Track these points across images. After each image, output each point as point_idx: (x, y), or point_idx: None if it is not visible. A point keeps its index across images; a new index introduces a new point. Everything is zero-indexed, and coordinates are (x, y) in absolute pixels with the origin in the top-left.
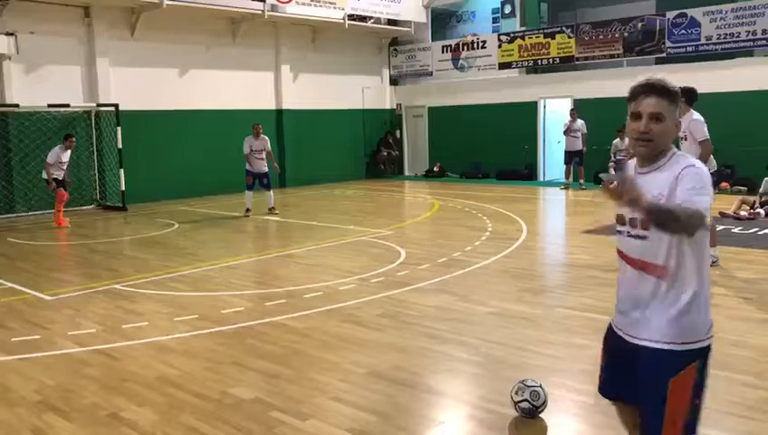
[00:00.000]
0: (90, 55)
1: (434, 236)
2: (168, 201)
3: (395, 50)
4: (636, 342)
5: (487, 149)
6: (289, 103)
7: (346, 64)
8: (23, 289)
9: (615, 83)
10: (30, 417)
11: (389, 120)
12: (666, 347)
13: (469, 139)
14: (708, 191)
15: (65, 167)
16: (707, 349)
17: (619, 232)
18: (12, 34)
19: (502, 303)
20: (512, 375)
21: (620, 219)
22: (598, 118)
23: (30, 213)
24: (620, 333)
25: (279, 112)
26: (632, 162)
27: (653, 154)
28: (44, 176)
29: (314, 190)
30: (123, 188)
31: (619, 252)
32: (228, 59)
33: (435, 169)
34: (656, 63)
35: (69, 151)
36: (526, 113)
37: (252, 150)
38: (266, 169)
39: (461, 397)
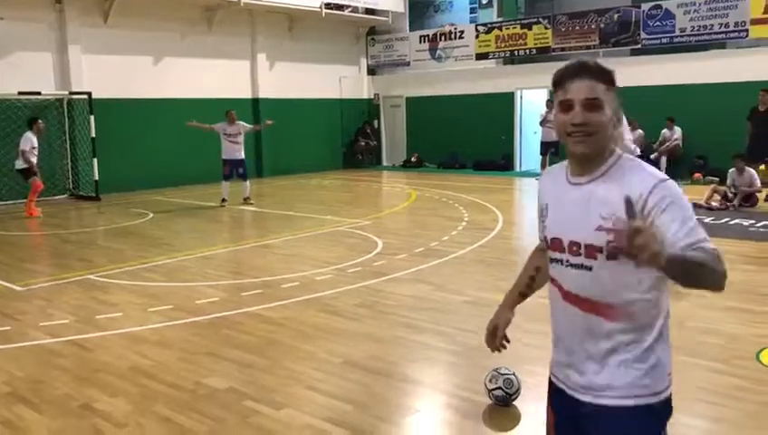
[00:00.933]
0: (61, 42)
1: (411, 227)
2: (142, 191)
3: (372, 39)
4: (591, 400)
5: (464, 140)
6: (265, 92)
7: (323, 53)
8: None
9: None
10: None
11: (367, 110)
12: (635, 402)
13: (447, 129)
14: (688, 208)
15: (36, 153)
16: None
17: (555, 260)
18: None
19: (478, 292)
20: (487, 364)
21: (556, 245)
22: None
23: (1, 203)
24: (568, 391)
25: (255, 101)
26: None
27: (593, 154)
28: (19, 166)
29: (291, 180)
30: (96, 177)
31: (556, 285)
32: (204, 47)
33: (412, 159)
34: (631, 55)
35: (36, 137)
36: (503, 104)
37: (225, 133)
38: (242, 157)
39: (437, 385)
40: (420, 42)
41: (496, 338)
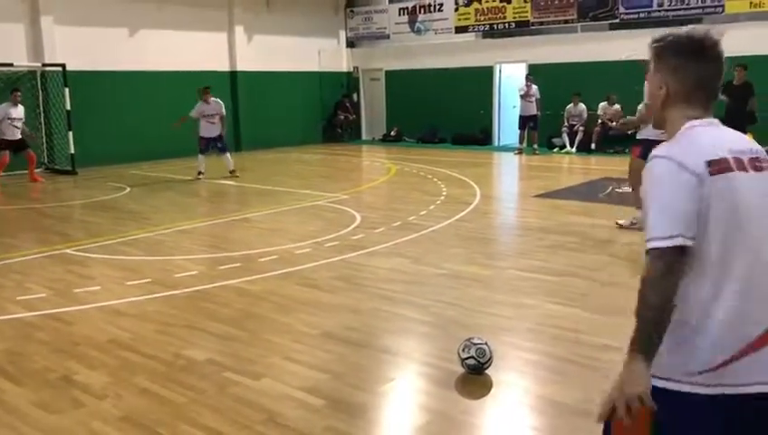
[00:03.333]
0: (33, 12)
1: (389, 201)
2: (119, 165)
3: (351, 11)
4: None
5: (444, 114)
6: (243, 65)
7: (302, 26)
8: None
9: (569, 48)
10: None
11: (346, 84)
12: None
13: (426, 103)
14: (652, 198)
15: (18, 124)
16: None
17: None
18: None
19: (454, 265)
20: (462, 334)
21: None
22: (551, 83)
23: None
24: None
25: (233, 74)
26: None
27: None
28: None
29: (270, 154)
30: (72, 151)
31: None
32: (180, 18)
33: (392, 133)
34: (609, 29)
35: (20, 107)
36: (482, 78)
37: (204, 115)
38: (219, 133)
39: (412, 355)
40: (399, 14)
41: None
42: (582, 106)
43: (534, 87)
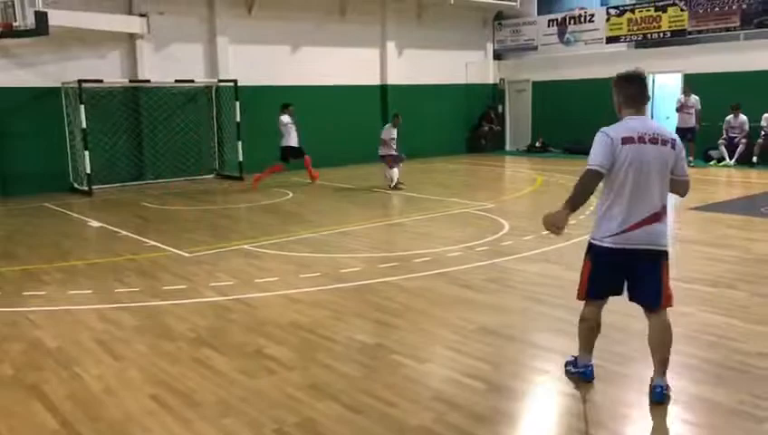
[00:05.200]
0: (211, 33)
1: (536, 210)
2: (280, 173)
3: (500, 24)
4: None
5: (591, 125)
6: (393, 79)
7: (450, 39)
8: (164, 247)
9: (730, 57)
10: (190, 350)
11: (492, 95)
12: None
13: (573, 114)
14: (592, 149)
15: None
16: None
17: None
18: (144, 15)
19: None
20: (617, 337)
21: None
22: (709, 93)
23: (159, 180)
24: None
25: (384, 88)
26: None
27: None
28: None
29: (416, 165)
30: (241, 158)
31: None
32: (336, 35)
33: (537, 144)
34: None
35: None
36: None
37: (391, 138)
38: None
39: (565, 352)
40: (548, 26)
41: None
42: (743, 117)
43: (694, 98)
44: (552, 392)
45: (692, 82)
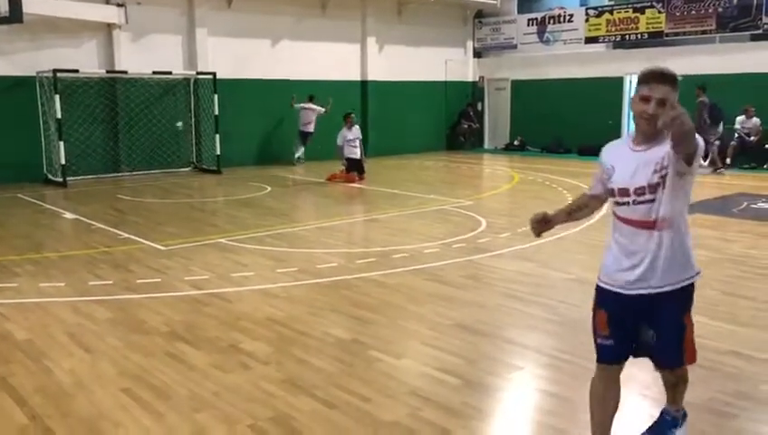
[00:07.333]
0: (190, 25)
1: (513, 208)
2: (257, 166)
3: (480, 22)
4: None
5: (570, 124)
6: (374, 75)
7: (431, 36)
8: (139, 240)
9: (706, 60)
10: (164, 344)
11: (471, 93)
12: None
13: (552, 113)
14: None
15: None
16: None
17: (621, 204)
18: (122, 5)
19: (581, 271)
20: (590, 335)
21: (623, 192)
22: (684, 95)
23: (135, 172)
24: None
25: (364, 84)
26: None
27: (654, 132)
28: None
29: (395, 160)
30: (218, 152)
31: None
32: (317, 30)
33: (515, 142)
34: (750, 40)
35: (355, 129)
36: (611, 89)
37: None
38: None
39: (540, 349)
40: (528, 25)
41: (541, 224)
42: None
43: None
44: (526, 388)
45: None
